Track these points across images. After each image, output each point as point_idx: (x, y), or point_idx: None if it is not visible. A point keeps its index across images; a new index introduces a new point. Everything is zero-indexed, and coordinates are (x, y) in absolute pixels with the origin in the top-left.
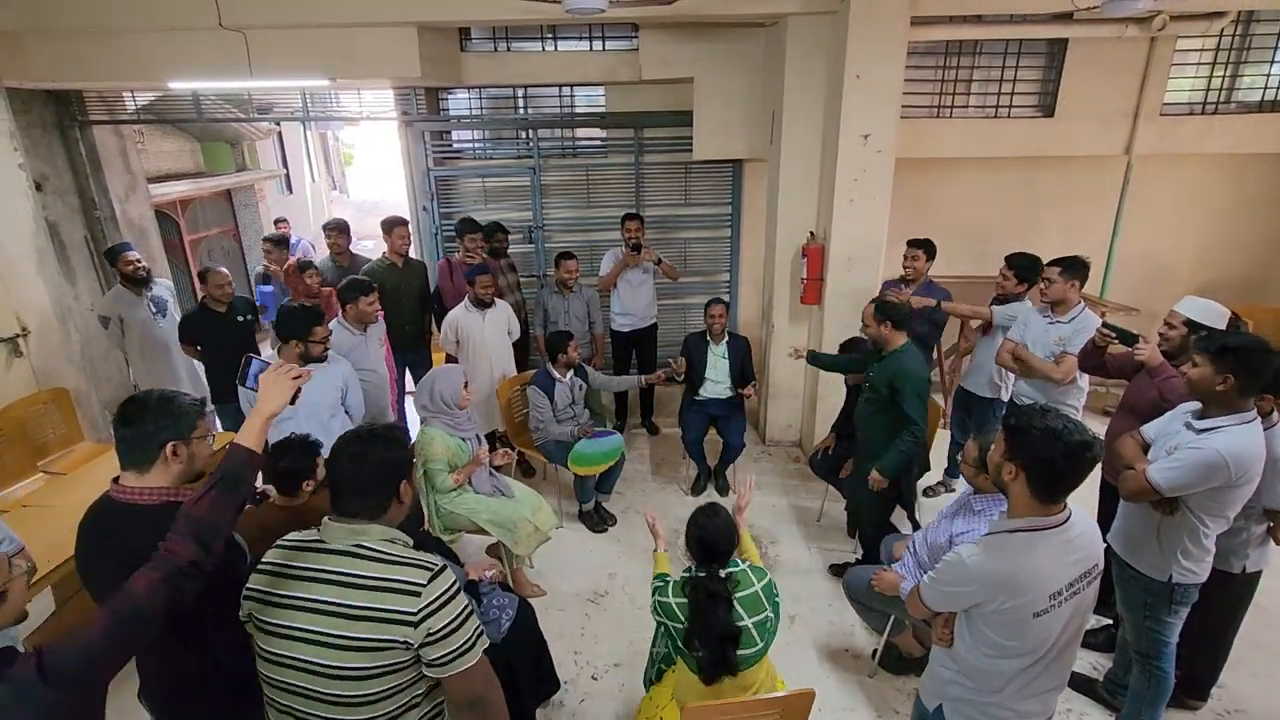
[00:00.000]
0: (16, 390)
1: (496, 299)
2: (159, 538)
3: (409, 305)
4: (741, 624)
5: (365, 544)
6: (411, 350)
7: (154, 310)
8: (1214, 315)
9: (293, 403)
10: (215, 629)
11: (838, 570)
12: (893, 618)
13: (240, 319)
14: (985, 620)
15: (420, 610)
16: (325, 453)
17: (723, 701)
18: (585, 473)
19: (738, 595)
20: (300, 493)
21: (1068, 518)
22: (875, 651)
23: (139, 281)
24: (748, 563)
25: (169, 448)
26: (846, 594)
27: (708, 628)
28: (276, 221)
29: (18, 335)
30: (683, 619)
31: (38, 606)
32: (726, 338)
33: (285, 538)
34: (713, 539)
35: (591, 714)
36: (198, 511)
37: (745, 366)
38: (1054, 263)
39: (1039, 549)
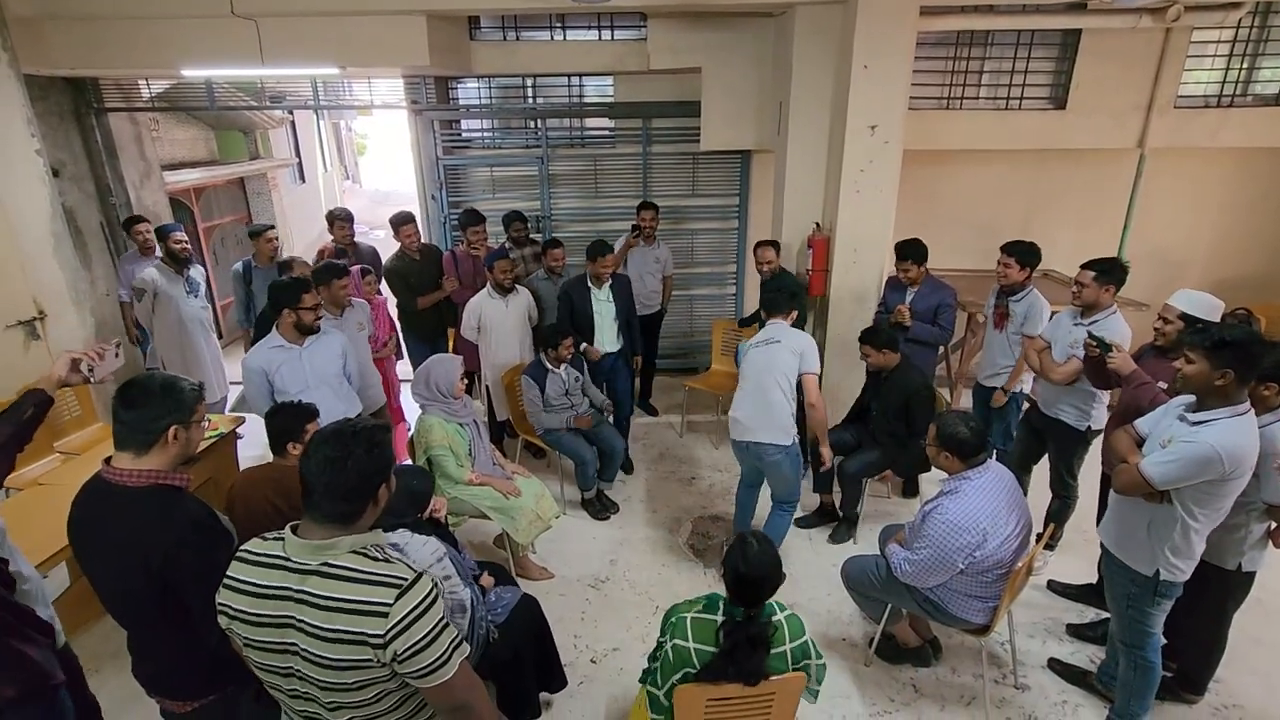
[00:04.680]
0: (34, 372)
1: (517, 285)
2: (146, 518)
3: (428, 294)
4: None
5: (332, 562)
6: (432, 338)
7: (188, 289)
8: (1207, 308)
9: (88, 382)
10: (202, 609)
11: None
12: (889, 607)
13: None
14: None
15: (388, 631)
16: (323, 420)
17: (716, 683)
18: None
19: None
20: (286, 454)
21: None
22: (872, 640)
23: (182, 261)
24: (789, 611)
25: (170, 432)
26: (845, 583)
27: (738, 670)
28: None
29: (35, 319)
30: (697, 664)
31: (54, 582)
32: (609, 280)
33: (246, 547)
34: (758, 576)
35: (590, 696)
36: None
37: (627, 307)
38: (1088, 265)
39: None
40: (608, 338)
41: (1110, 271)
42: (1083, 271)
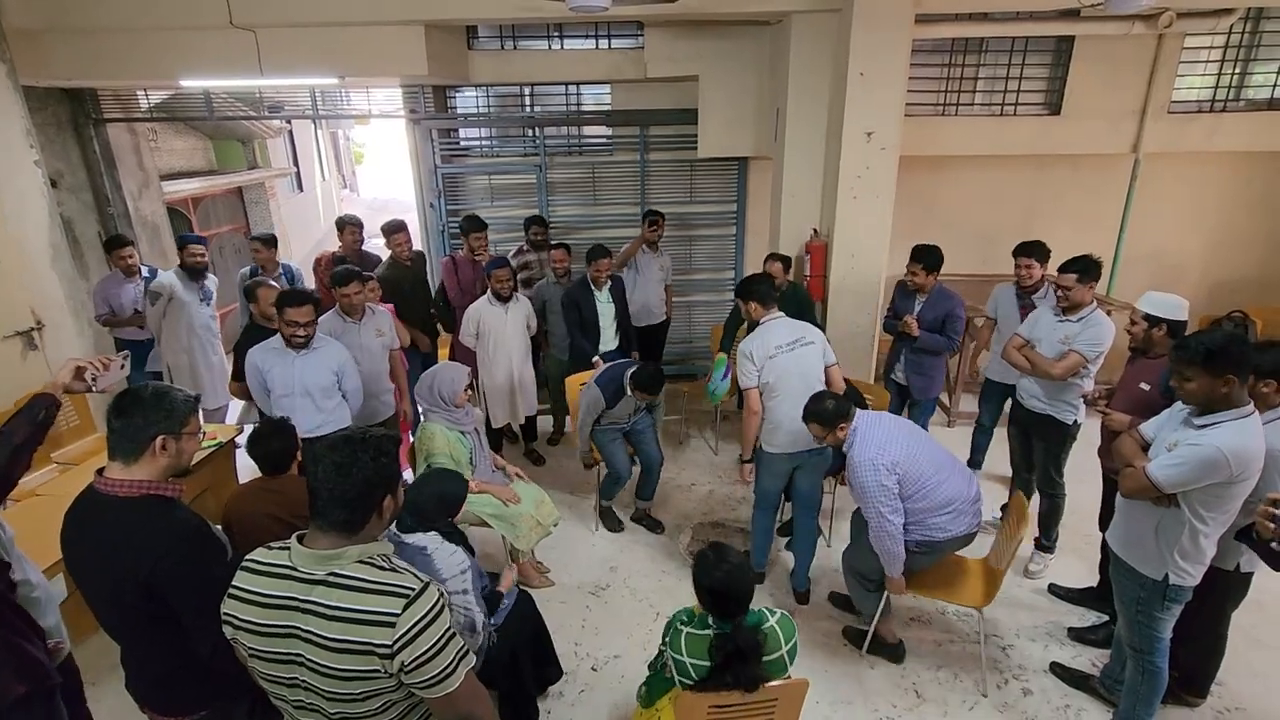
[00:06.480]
0: (31, 383)
1: (516, 293)
2: (134, 528)
3: (420, 301)
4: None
5: (339, 572)
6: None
7: (200, 298)
8: (1173, 308)
9: (89, 391)
10: (193, 621)
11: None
12: (884, 602)
13: None
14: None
15: (395, 641)
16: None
17: (716, 691)
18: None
19: (765, 659)
20: (286, 472)
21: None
22: (863, 641)
23: (197, 272)
24: (779, 614)
25: (158, 441)
26: (845, 569)
27: (735, 679)
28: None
29: (33, 329)
30: (694, 678)
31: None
32: (609, 283)
33: (253, 557)
34: (732, 591)
35: (591, 704)
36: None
37: (624, 310)
38: (1067, 270)
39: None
40: (607, 337)
41: (1089, 270)
42: (1065, 275)
